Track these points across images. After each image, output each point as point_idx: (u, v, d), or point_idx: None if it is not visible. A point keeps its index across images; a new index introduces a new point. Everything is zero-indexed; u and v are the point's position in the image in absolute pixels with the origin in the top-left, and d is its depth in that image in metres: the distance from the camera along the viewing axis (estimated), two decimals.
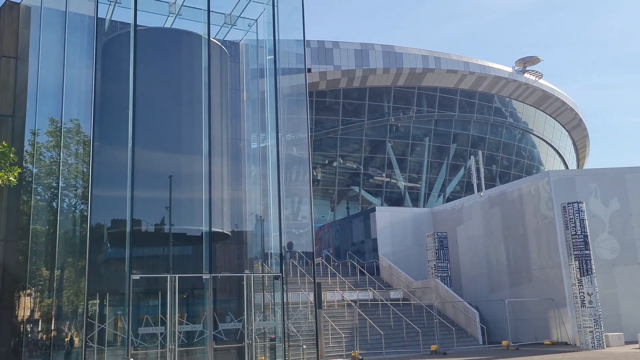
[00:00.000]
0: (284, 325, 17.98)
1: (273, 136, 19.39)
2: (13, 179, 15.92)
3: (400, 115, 45.98)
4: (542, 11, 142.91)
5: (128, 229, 16.75)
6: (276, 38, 19.24)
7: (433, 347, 22.69)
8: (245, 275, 18.98)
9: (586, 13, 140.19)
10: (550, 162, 57.78)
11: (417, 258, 31.96)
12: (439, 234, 29.85)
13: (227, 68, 21.24)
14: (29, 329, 20.40)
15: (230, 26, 21.32)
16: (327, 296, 25.57)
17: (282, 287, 18.25)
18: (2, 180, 15.37)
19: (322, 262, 31.29)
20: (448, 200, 45.05)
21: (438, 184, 49.20)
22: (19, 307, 20.48)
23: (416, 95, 45.91)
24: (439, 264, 29.19)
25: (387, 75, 43.00)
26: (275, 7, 19.25)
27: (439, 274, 28.99)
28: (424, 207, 45.00)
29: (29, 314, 20.73)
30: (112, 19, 19.67)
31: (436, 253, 29.37)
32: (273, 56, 19.38)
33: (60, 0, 19.65)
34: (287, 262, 26.57)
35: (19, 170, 16.64)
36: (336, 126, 44.63)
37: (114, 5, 19.24)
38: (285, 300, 18.30)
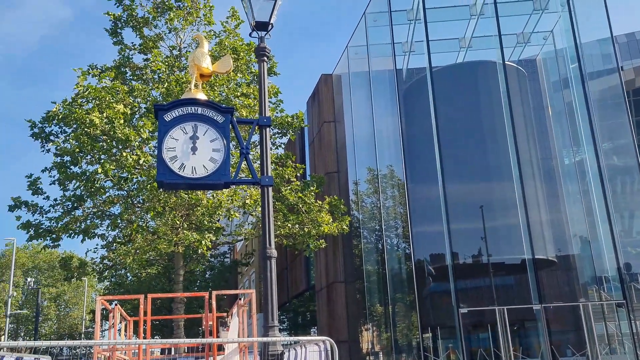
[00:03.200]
0: None
1: (590, 148, 17.62)
2: (346, 227, 18.02)
3: None
4: None
5: (449, 261, 17.08)
6: (577, 43, 17.75)
7: None
8: (580, 303, 17.35)
9: None
10: None
11: None
12: None
13: (527, 87, 20.36)
14: None
15: (523, 44, 20.56)
16: None
17: (629, 315, 16.08)
18: (337, 230, 17.57)
19: None
20: None
21: None
22: (362, 340, 22.57)
23: None
24: None
25: None
26: (572, 12, 17.84)
27: None
28: None
29: (370, 347, 22.66)
30: (408, 67, 20.97)
31: None
32: (577, 63, 17.89)
33: (363, 62, 21.88)
34: (628, 285, 23.35)
35: (349, 219, 18.75)
36: None
37: (409, 54, 20.52)
38: (635, 330, 16.05)
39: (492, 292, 18.58)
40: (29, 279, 55.98)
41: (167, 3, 17.31)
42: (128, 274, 28.92)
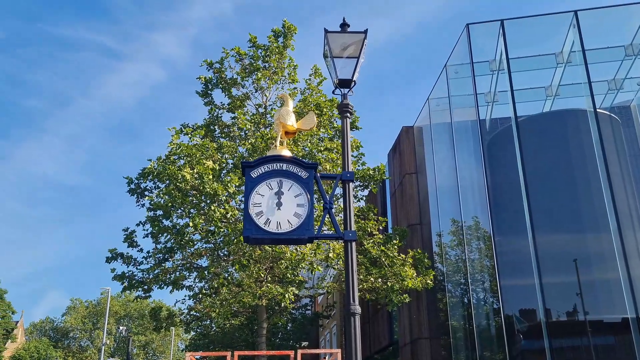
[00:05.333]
0: None
1: None
2: (430, 282, 17.52)
3: None
4: None
5: (542, 318, 16.13)
6: None
7: None
8: None
9: None
10: None
11: None
12: None
13: (621, 134, 19.39)
14: None
15: (615, 91, 19.71)
16: None
17: None
18: (421, 284, 17.10)
19: None
20: None
21: None
22: None
23: None
24: None
25: None
26: None
27: None
28: None
29: None
30: (491, 117, 20.63)
31: None
32: None
33: (445, 114, 21.78)
34: None
35: (433, 273, 18.23)
36: None
37: (492, 104, 20.21)
38: None
39: (591, 353, 17.24)
40: (120, 327, 58.38)
41: (254, 64, 18.20)
42: (213, 325, 29.43)
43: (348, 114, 6.69)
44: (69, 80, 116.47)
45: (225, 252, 15.83)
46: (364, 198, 20.78)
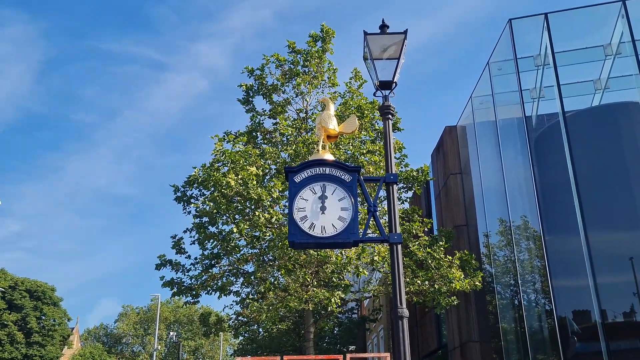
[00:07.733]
0: None
1: None
2: (478, 284, 17.18)
3: None
4: None
5: (598, 319, 15.58)
6: None
7: None
8: None
9: None
10: None
11: None
12: None
13: None
14: None
15: None
16: None
17: None
18: (469, 286, 16.79)
19: None
20: None
21: None
22: None
23: None
24: None
25: None
26: None
27: None
28: None
29: None
30: (538, 114, 20.10)
31: None
32: None
33: (489, 112, 21.35)
34: None
35: (482, 275, 17.87)
36: None
37: (538, 101, 19.68)
38: None
39: None
40: (171, 333, 59.58)
41: (294, 70, 18.29)
42: (260, 330, 29.69)
43: (390, 116, 6.62)
44: (116, 93, 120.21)
45: (271, 257, 15.93)
46: (408, 200, 20.55)
